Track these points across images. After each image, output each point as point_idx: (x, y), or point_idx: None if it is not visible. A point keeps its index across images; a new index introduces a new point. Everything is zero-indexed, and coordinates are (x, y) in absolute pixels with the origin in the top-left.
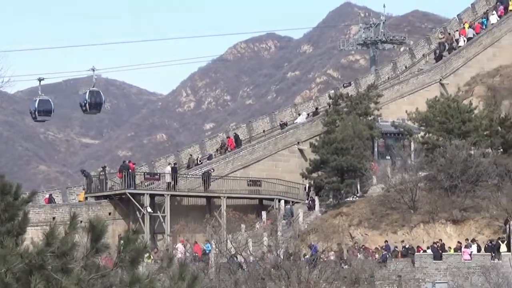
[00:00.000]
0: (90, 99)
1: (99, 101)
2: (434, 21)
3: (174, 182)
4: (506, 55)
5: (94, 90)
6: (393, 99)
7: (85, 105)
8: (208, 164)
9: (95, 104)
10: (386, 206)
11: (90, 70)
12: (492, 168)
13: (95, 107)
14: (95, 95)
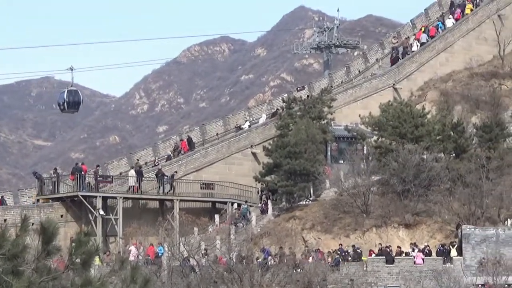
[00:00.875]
0: (69, 98)
1: (77, 100)
2: (388, 25)
3: (139, 185)
4: (459, 60)
5: (72, 90)
6: (347, 103)
7: (63, 104)
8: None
9: (73, 103)
10: (339, 210)
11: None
12: (444, 172)
13: (73, 106)
14: (73, 94)
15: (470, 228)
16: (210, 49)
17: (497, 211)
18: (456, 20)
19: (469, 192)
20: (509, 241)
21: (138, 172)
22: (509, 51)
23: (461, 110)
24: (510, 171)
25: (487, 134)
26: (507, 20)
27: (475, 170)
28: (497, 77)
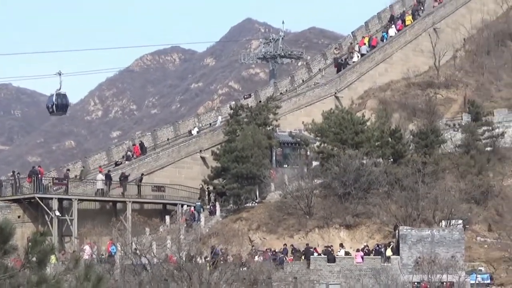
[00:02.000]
0: (57, 101)
1: (66, 103)
2: (330, 37)
3: (108, 188)
4: (397, 70)
5: (60, 93)
6: (291, 110)
7: (52, 107)
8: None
9: (61, 105)
10: (283, 212)
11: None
12: (382, 176)
13: (61, 109)
14: (61, 97)
15: (406, 229)
16: (161, 59)
17: (432, 213)
18: (398, 31)
19: (406, 195)
20: (443, 242)
21: (107, 176)
22: (444, 62)
23: (399, 117)
24: (445, 175)
25: (423, 141)
26: (442, 33)
27: (411, 175)
28: (432, 86)
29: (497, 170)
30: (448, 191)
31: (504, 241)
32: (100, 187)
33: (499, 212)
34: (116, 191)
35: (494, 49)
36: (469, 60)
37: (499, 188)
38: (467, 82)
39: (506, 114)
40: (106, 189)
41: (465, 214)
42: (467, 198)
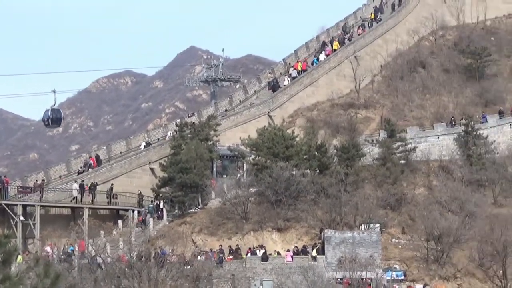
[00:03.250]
0: (52, 115)
1: (60, 116)
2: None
3: (81, 196)
4: (322, 92)
5: (55, 108)
6: (229, 127)
7: (48, 120)
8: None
9: (56, 119)
10: (223, 217)
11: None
12: (310, 186)
13: (56, 122)
14: (56, 112)
15: (331, 231)
16: (115, 81)
17: (353, 218)
18: (327, 55)
19: (330, 202)
20: (363, 243)
21: (80, 186)
22: (363, 86)
23: (324, 134)
24: (364, 185)
25: (345, 154)
26: (362, 60)
27: (335, 184)
28: (353, 107)
29: (410, 180)
30: (367, 198)
31: (415, 242)
32: (75, 195)
33: (411, 217)
34: (87, 199)
35: (407, 75)
36: (385, 84)
37: (411, 196)
38: (383, 103)
39: (417, 132)
40: (79, 197)
41: (382, 219)
42: (383, 204)
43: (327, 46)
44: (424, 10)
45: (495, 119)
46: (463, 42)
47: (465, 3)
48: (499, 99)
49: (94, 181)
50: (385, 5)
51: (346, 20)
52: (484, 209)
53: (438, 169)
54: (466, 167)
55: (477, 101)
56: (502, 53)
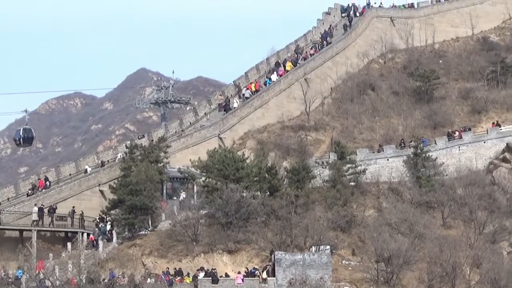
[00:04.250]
0: (24, 134)
1: (31, 135)
2: (215, 85)
3: (42, 220)
4: (273, 115)
5: (26, 128)
6: (180, 149)
7: (19, 140)
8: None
9: (27, 138)
10: (173, 239)
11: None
12: (260, 207)
13: (27, 141)
14: (27, 132)
15: (281, 253)
16: (65, 103)
17: (304, 239)
18: (280, 76)
19: (281, 224)
20: (313, 265)
21: (40, 209)
22: (313, 108)
23: (275, 156)
24: (314, 206)
25: (296, 176)
26: (312, 83)
27: (285, 206)
28: (304, 129)
29: (360, 202)
30: (317, 220)
31: (365, 264)
32: (35, 218)
33: (361, 238)
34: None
35: (356, 97)
36: (335, 106)
37: (361, 217)
38: (333, 126)
39: (367, 154)
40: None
41: (332, 241)
42: (333, 226)
43: (280, 66)
44: (374, 33)
45: (444, 141)
46: (412, 65)
47: (414, 27)
48: (447, 121)
49: (53, 205)
50: (334, 28)
51: (297, 42)
52: (433, 231)
53: (388, 191)
54: (416, 189)
55: (426, 124)
56: (450, 76)
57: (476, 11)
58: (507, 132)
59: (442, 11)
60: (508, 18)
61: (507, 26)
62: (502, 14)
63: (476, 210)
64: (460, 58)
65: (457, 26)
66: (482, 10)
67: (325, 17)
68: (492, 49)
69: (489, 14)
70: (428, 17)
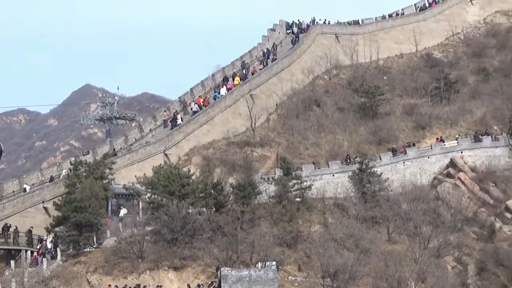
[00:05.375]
0: None
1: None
2: (160, 102)
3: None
4: (218, 131)
5: None
6: (125, 166)
7: None
8: None
9: None
10: (118, 256)
11: None
12: (206, 224)
13: None
14: None
15: (227, 270)
16: (8, 119)
17: (250, 255)
18: (228, 90)
19: (227, 240)
20: (259, 281)
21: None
22: (259, 124)
23: (220, 172)
24: (260, 222)
25: (242, 192)
26: (258, 99)
27: (231, 222)
28: (249, 145)
29: (305, 218)
30: (264, 236)
31: (312, 279)
32: None
33: (307, 254)
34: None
35: (302, 113)
36: (280, 122)
37: (307, 233)
38: (279, 142)
39: (313, 170)
40: None
41: (278, 256)
42: (279, 242)
43: (229, 80)
44: (319, 49)
45: (389, 157)
46: (356, 81)
47: (358, 43)
48: (392, 137)
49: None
50: (279, 44)
51: (242, 58)
52: (378, 246)
53: (334, 207)
54: (361, 204)
55: (371, 139)
56: (394, 92)
57: (419, 28)
58: (451, 148)
59: (386, 28)
60: (451, 35)
61: (450, 43)
62: (445, 31)
63: (421, 225)
64: (404, 74)
65: (401, 43)
66: (426, 27)
67: (270, 33)
68: (436, 65)
69: (433, 31)
70: (372, 34)
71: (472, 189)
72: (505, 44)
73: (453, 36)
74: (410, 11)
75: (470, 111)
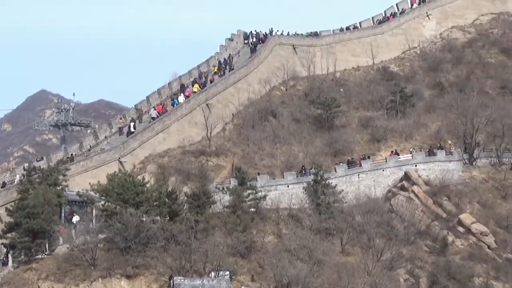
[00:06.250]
0: None
1: None
2: (116, 109)
3: None
4: (174, 139)
5: None
6: (79, 172)
7: None
8: None
9: None
10: (70, 263)
11: None
12: (160, 232)
13: None
14: None
15: (180, 279)
16: None
17: (203, 265)
18: (187, 97)
19: (180, 249)
20: None
21: None
22: (215, 134)
23: (175, 181)
24: (214, 232)
25: (196, 201)
26: (214, 108)
27: (185, 231)
28: (205, 154)
29: (259, 228)
30: (217, 246)
31: None
32: None
33: (261, 264)
34: None
35: (258, 123)
36: (236, 132)
37: (261, 243)
38: (234, 151)
39: (268, 180)
40: None
41: (231, 266)
42: (233, 252)
43: (187, 87)
44: (276, 60)
45: (344, 169)
46: (313, 92)
47: (316, 55)
48: (347, 149)
49: None
50: (237, 54)
51: (199, 68)
52: (332, 257)
53: (288, 217)
54: (315, 215)
55: (327, 151)
56: (350, 105)
57: (377, 41)
58: (405, 161)
59: (343, 41)
60: (408, 49)
61: (407, 56)
62: (402, 45)
63: (374, 237)
64: (361, 87)
65: (358, 56)
66: (383, 40)
67: (228, 43)
68: (392, 79)
69: (390, 44)
70: (330, 46)
71: (425, 202)
72: (461, 59)
73: (410, 50)
74: (368, 24)
75: (425, 125)
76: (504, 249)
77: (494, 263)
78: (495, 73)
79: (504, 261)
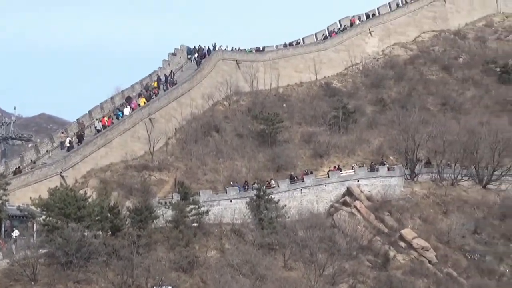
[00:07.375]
0: None
1: None
2: (58, 123)
3: None
4: (116, 154)
5: None
6: (20, 187)
7: None
8: None
9: None
10: (11, 278)
11: None
12: (102, 247)
13: None
14: None
15: None
16: None
17: (145, 280)
18: (132, 110)
19: (122, 264)
20: None
21: None
22: (157, 148)
23: (118, 195)
24: (157, 247)
25: (138, 216)
26: (157, 123)
27: (127, 246)
28: (147, 169)
29: (202, 243)
30: (160, 260)
31: None
32: None
33: (203, 279)
34: None
35: (201, 138)
36: (179, 147)
37: (204, 258)
38: (177, 166)
39: (211, 195)
40: None
41: (174, 281)
42: (176, 267)
43: (133, 100)
44: (219, 75)
45: (286, 184)
46: (256, 108)
47: (259, 70)
48: (290, 164)
49: None
50: (179, 70)
51: (142, 82)
52: (274, 272)
53: (231, 232)
54: (258, 230)
55: (270, 166)
56: (293, 120)
57: (319, 57)
58: (348, 176)
59: (287, 56)
60: (351, 65)
61: (349, 73)
62: (344, 61)
63: (317, 252)
64: (304, 102)
65: (301, 71)
66: (326, 56)
67: (171, 58)
68: (335, 94)
69: (332, 60)
70: (273, 61)
71: (367, 217)
72: (403, 76)
73: (352, 66)
74: (311, 40)
75: (367, 141)
76: (445, 264)
77: (435, 278)
78: (436, 89)
79: (445, 275)
